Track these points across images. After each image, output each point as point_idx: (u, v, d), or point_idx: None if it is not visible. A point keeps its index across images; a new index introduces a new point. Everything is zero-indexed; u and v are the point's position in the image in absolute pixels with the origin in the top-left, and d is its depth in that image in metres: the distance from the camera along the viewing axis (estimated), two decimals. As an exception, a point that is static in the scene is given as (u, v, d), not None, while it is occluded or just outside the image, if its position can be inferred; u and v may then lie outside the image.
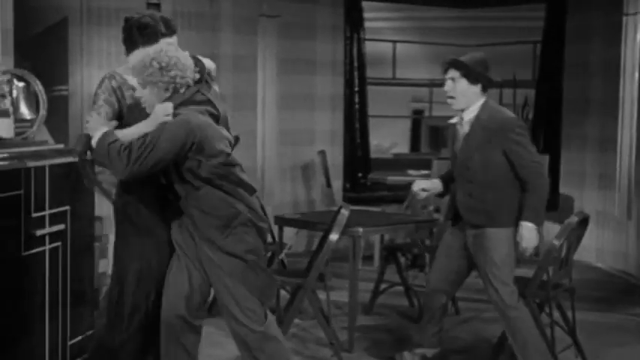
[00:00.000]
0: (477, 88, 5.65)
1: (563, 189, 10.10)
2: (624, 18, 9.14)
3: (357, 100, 10.64)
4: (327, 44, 10.30)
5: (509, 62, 11.85)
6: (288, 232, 7.71)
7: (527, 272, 6.13)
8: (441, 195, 6.11)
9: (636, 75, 9.04)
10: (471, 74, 5.62)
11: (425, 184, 6.00)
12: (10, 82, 5.87)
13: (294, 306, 6.28)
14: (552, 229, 8.59)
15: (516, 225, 5.57)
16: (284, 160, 9.99)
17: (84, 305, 5.52)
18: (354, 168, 10.79)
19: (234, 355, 5.94)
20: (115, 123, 4.76)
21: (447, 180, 5.96)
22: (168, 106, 4.53)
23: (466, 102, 5.65)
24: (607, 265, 9.49)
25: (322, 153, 9.86)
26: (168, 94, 4.56)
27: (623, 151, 9.26)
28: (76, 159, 4.84)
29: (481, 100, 5.67)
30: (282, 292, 6.81)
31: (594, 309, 7.66)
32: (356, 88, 10.59)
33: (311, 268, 6.23)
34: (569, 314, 6.11)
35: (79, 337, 5.43)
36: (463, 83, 5.63)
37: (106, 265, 7.70)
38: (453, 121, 5.80)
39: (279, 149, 9.92)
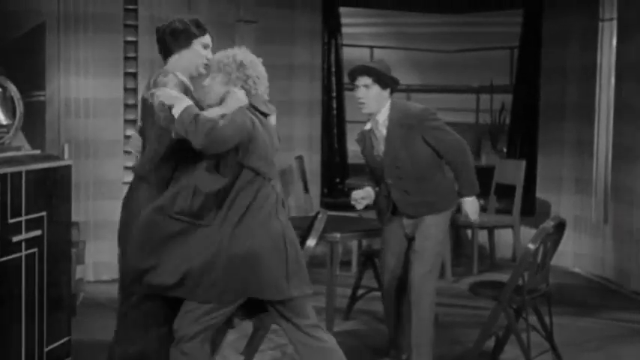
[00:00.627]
0: (386, 92, 5.88)
1: (540, 194, 10.13)
2: (600, 23, 9.21)
3: (334, 105, 10.65)
4: (305, 50, 10.30)
5: (487, 68, 11.92)
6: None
7: (504, 277, 6.14)
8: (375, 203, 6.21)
9: (612, 80, 9.11)
10: (382, 79, 5.84)
11: (362, 194, 6.08)
12: (-15, 88, 5.84)
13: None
14: (529, 233, 8.62)
15: (453, 206, 5.95)
16: (262, 166, 9.96)
17: (61, 311, 5.50)
18: (331, 173, 10.80)
19: None
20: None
21: (374, 186, 6.15)
22: (243, 95, 4.73)
23: (377, 106, 5.87)
24: (584, 269, 9.52)
25: (300, 158, 9.86)
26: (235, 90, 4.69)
27: (599, 155, 9.32)
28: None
29: (389, 102, 5.90)
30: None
31: (572, 314, 7.68)
32: (334, 94, 10.61)
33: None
34: (547, 319, 6.13)
35: (56, 344, 5.41)
36: (376, 89, 5.85)
37: (83, 271, 7.69)
38: (367, 127, 6.02)
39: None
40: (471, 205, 5.93)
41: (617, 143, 8.92)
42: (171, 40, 5.00)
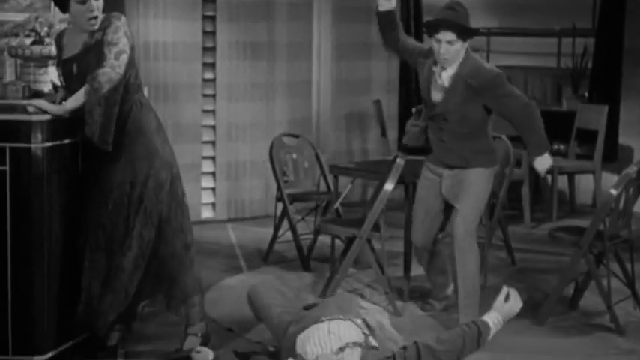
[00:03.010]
0: (466, 44, 5.61)
1: (623, 139, 9.95)
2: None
3: (413, 48, 10.52)
4: (384, -8, 10.17)
5: (568, 10, 11.67)
6: (343, 181, 7.68)
7: (584, 223, 6.08)
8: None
9: (700, 22, 8.87)
10: (465, 33, 5.55)
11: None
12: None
13: (349, 255, 6.28)
14: (611, 179, 8.48)
15: (492, 165, 5.80)
16: (339, 110, 9.94)
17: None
18: (409, 117, 10.70)
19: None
20: None
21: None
22: None
23: (457, 59, 5.60)
24: (666, 216, 9.36)
25: (378, 102, 9.80)
26: None
27: (684, 100, 9.11)
28: None
29: (463, 54, 5.62)
30: (338, 242, 6.82)
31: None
32: (412, 37, 10.48)
33: (366, 217, 6.22)
34: (628, 266, 6.04)
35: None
36: (459, 44, 5.55)
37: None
38: (435, 67, 5.72)
39: (334, 99, 9.87)
40: (540, 164, 5.72)
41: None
42: None
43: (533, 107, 5.74)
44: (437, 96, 5.72)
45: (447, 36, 5.53)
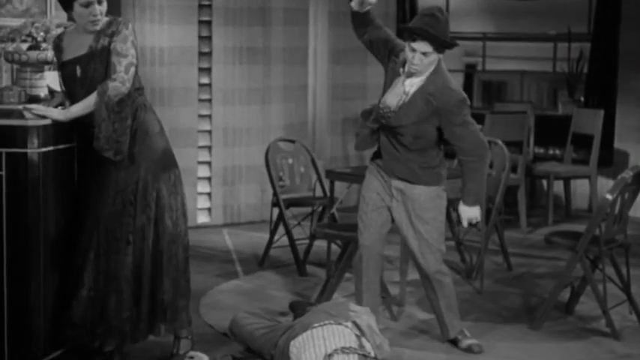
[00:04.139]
0: (441, 56, 5.28)
1: (618, 144, 9.97)
2: (683, -31, 8.98)
3: (409, 53, 10.54)
4: (380, -3, 10.19)
5: (564, 15, 11.70)
6: (339, 186, 7.69)
7: (580, 227, 6.08)
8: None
9: (695, 27, 8.88)
10: (444, 46, 5.22)
11: None
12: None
13: (345, 260, 6.28)
14: (606, 184, 8.50)
15: (441, 184, 5.47)
16: (335, 114, 9.95)
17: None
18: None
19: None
20: None
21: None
22: None
23: (427, 70, 5.25)
24: (662, 221, 9.37)
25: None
26: None
27: (679, 105, 9.12)
28: None
29: (435, 66, 5.28)
30: (334, 246, 6.81)
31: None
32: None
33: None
34: (624, 270, 6.05)
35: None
36: (434, 56, 5.20)
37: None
38: (403, 73, 5.34)
39: (330, 103, 9.88)
40: (467, 212, 5.47)
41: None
42: None
43: (486, 151, 5.42)
44: (392, 101, 5.34)
45: (422, 47, 5.16)
